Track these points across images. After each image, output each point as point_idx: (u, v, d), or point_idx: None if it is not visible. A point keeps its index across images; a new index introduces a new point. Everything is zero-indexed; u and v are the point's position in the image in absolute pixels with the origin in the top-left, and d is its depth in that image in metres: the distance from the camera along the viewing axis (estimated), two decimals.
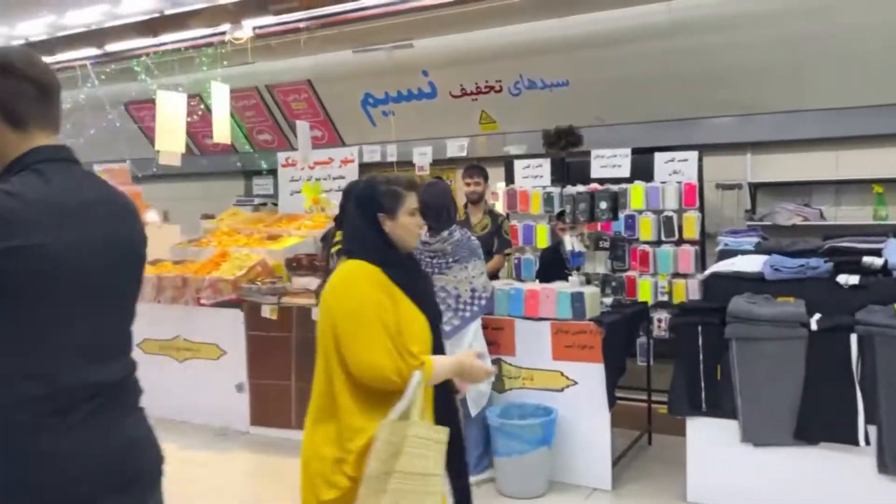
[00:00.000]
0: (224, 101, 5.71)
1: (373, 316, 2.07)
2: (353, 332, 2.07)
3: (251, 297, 4.97)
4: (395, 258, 2.22)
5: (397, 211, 2.20)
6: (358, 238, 2.25)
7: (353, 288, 2.13)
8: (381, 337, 2.06)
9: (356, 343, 2.06)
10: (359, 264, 2.16)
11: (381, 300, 2.10)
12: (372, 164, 7.80)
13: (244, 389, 5.01)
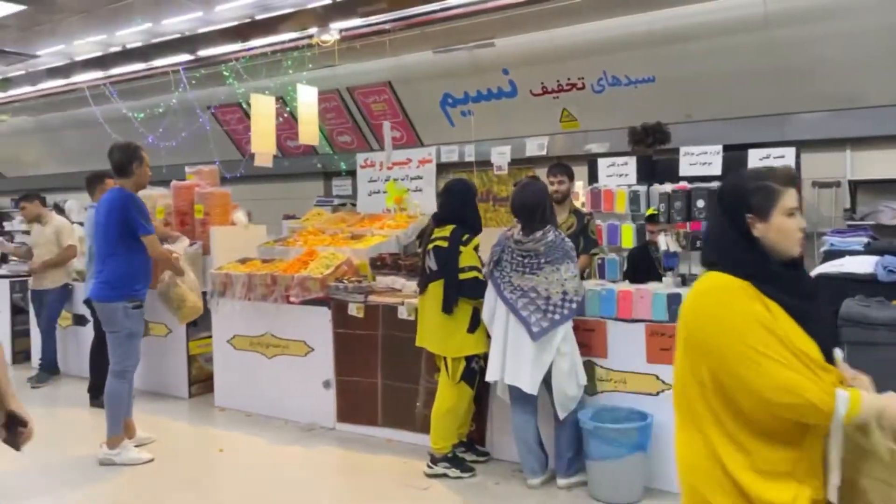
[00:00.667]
0: (312, 103, 5.82)
1: (764, 330, 1.67)
2: (745, 355, 1.66)
3: (338, 295, 5.04)
4: (769, 270, 1.78)
5: (771, 211, 1.79)
6: (721, 246, 1.84)
7: (727, 303, 1.73)
8: (783, 352, 1.65)
9: (754, 366, 1.65)
10: (725, 278, 1.77)
11: (764, 313, 1.71)
12: (449, 165, 7.84)
13: (331, 386, 5.09)
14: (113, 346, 4.48)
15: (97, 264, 4.59)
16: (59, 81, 7.63)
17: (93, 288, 4.55)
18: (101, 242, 4.48)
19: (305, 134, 5.82)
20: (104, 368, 5.55)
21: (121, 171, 4.44)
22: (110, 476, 4.26)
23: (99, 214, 4.52)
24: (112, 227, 4.36)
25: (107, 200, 4.48)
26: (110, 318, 4.43)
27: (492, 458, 4.35)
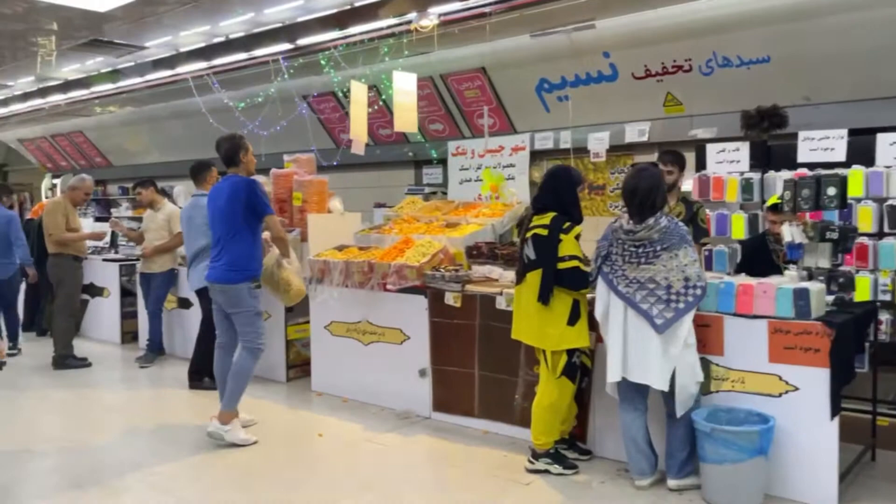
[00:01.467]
0: (410, 90, 5.76)
1: None
2: None
3: (435, 283, 4.98)
4: None
5: None
6: None
7: None
8: None
9: None
10: None
11: None
12: (544, 152, 7.65)
13: (427, 375, 5.04)
14: (243, 326, 4.60)
15: (213, 249, 4.68)
16: (165, 72, 7.89)
17: (214, 272, 4.60)
18: (223, 227, 4.54)
19: (402, 121, 5.77)
20: (208, 355, 5.74)
21: (230, 162, 4.62)
22: (211, 457, 4.36)
23: (218, 200, 4.59)
24: (237, 211, 4.47)
25: (228, 186, 4.56)
26: (237, 300, 4.54)
27: (594, 456, 4.19)
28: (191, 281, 5.94)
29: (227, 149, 4.59)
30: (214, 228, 4.65)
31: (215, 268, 4.60)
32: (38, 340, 8.07)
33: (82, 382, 6.20)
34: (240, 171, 4.63)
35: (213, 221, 4.66)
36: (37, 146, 15.61)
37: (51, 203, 6.65)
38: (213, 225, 4.66)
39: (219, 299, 4.68)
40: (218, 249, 4.61)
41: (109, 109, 12.63)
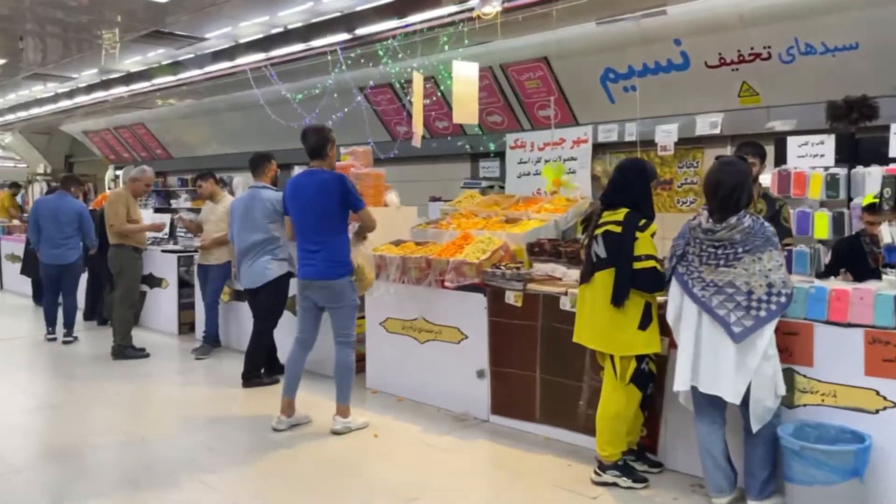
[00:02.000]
0: (472, 79, 5.55)
1: None
2: None
3: (495, 282, 4.78)
4: None
5: None
6: None
7: None
8: None
9: None
10: None
11: None
12: (607, 145, 7.36)
13: (485, 376, 4.86)
14: (343, 320, 4.59)
15: (309, 244, 4.54)
16: (224, 64, 7.88)
17: (312, 268, 4.51)
18: (317, 223, 4.47)
19: (462, 113, 5.57)
20: (261, 355, 5.69)
21: (316, 154, 4.53)
22: (265, 457, 4.27)
23: (305, 195, 4.50)
24: (332, 207, 4.45)
25: (316, 182, 4.46)
26: (340, 295, 4.53)
27: (665, 468, 3.94)
28: (243, 279, 5.77)
29: (314, 141, 4.51)
30: (304, 224, 4.55)
31: (312, 264, 4.52)
32: (98, 329, 8.20)
33: (140, 373, 6.23)
34: (324, 164, 4.55)
35: (300, 217, 4.56)
36: (100, 138, 16.01)
37: (113, 194, 6.71)
38: (302, 221, 4.55)
39: (315, 295, 4.60)
40: (314, 246, 4.51)
41: (170, 102, 12.82)
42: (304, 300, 4.67)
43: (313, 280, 4.54)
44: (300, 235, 4.60)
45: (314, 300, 4.63)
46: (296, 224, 4.61)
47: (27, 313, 9.43)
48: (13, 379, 6.13)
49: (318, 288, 4.56)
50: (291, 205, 4.60)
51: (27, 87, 11.32)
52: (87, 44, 8.22)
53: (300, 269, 4.63)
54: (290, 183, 4.68)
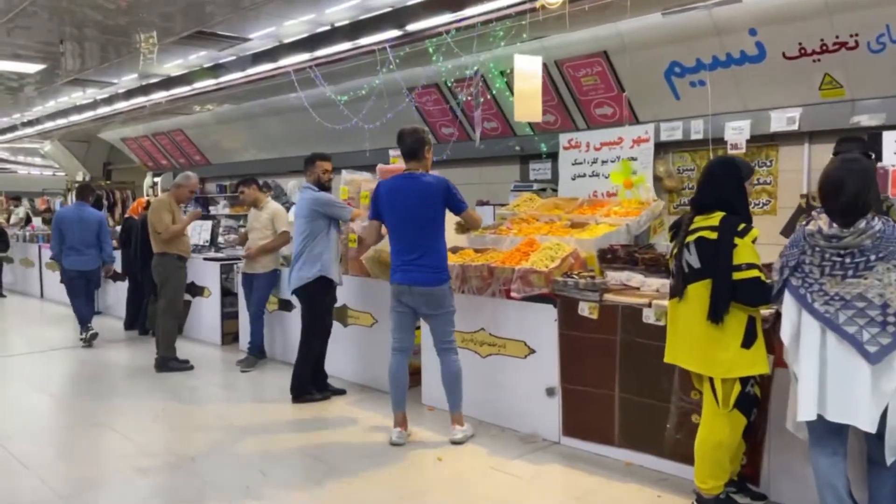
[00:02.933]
0: (534, 74, 5.20)
1: None
2: None
3: (567, 292, 4.41)
4: None
5: None
6: None
7: None
8: None
9: None
10: None
11: None
12: (670, 144, 6.92)
13: (556, 395, 4.49)
14: (444, 326, 4.48)
15: (408, 249, 4.38)
16: (266, 66, 7.63)
17: (415, 274, 4.35)
18: (419, 228, 4.36)
19: (524, 109, 5.21)
20: (311, 366, 5.37)
21: (413, 155, 4.44)
22: (320, 480, 3.95)
23: (405, 199, 4.36)
24: (436, 212, 4.40)
25: (419, 187, 4.36)
26: (442, 301, 4.42)
27: (769, 501, 3.53)
28: (292, 281, 5.44)
29: (412, 143, 4.43)
30: (403, 229, 4.41)
31: (413, 270, 4.36)
32: (139, 339, 8.01)
33: (184, 386, 5.98)
34: (421, 166, 4.44)
35: (399, 222, 4.41)
36: (139, 145, 15.95)
37: (156, 201, 6.49)
38: (401, 225, 4.41)
39: (414, 302, 4.44)
40: (414, 251, 4.37)
41: (208, 107, 12.66)
42: (400, 306, 4.49)
43: (413, 286, 4.37)
44: (397, 240, 4.45)
45: (412, 307, 4.46)
46: (393, 229, 4.47)
47: (67, 322, 9.28)
48: (54, 393, 5.92)
49: (418, 294, 4.39)
50: (388, 209, 4.44)
51: (66, 94, 11.24)
52: (126, 48, 8.05)
53: (397, 274, 4.43)
54: (384, 187, 4.49)
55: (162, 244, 6.43)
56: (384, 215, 4.48)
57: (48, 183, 24.46)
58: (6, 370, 6.74)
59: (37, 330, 8.96)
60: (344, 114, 7.46)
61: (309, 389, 5.39)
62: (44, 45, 7.89)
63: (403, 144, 4.46)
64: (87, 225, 7.54)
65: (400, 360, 4.55)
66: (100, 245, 7.61)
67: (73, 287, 7.67)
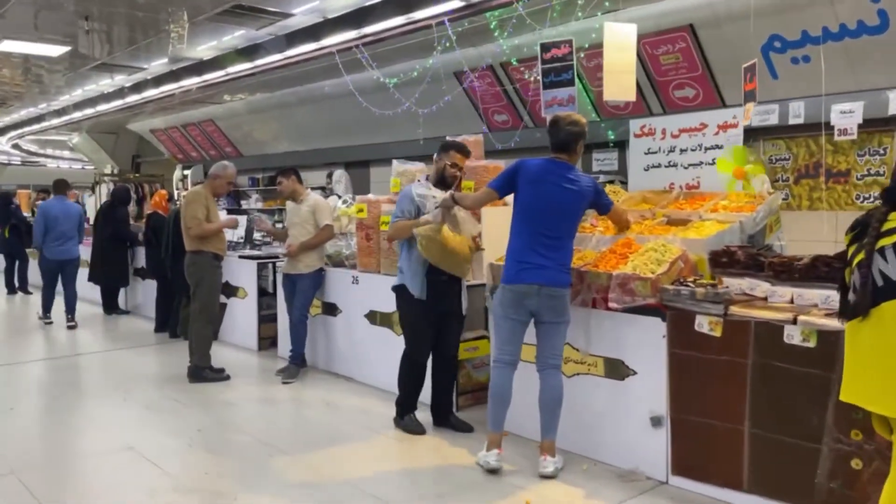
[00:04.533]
0: (627, 45, 4.45)
1: None
2: None
3: (681, 303, 3.67)
4: None
5: None
6: None
7: None
8: None
9: None
10: None
11: None
12: (763, 129, 6.14)
13: (663, 425, 3.76)
14: (559, 339, 3.93)
15: (542, 243, 3.82)
16: (308, 46, 6.95)
17: (546, 272, 3.80)
18: (560, 219, 3.87)
19: (615, 87, 4.47)
20: (402, 385, 4.62)
21: (564, 147, 3.91)
22: None
23: (552, 187, 3.83)
24: (582, 207, 3.97)
25: (577, 178, 3.90)
26: (564, 307, 3.90)
27: None
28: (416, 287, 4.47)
29: (566, 135, 3.89)
30: (541, 218, 3.85)
31: (544, 267, 3.79)
32: (169, 344, 7.41)
33: (221, 402, 5.34)
34: (570, 159, 3.93)
35: (540, 209, 3.86)
36: (168, 136, 15.47)
37: (191, 193, 5.85)
38: (540, 213, 3.86)
39: (537, 305, 3.83)
40: (549, 245, 3.83)
41: (240, 97, 12.10)
42: (519, 312, 3.86)
43: (544, 287, 3.77)
44: (530, 231, 3.86)
45: (534, 312, 3.85)
46: (530, 215, 3.87)
47: (95, 325, 8.74)
48: (80, 407, 5.31)
49: (547, 297, 3.79)
50: (533, 190, 3.87)
51: (94, 82, 10.71)
52: (153, 29, 7.47)
53: (520, 271, 3.81)
54: (532, 164, 3.93)
55: (195, 242, 5.80)
56: (521, 194, 3.90)
57: (77, 176, 24.13)
58: (23, 379, 6.17)
59: (60, 331, 8.43)
60: (395, 97, 6.76)
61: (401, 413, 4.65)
62: (68, 26, 7.31)
63: (558, 133, 3.91)
64: (70, 218, 8.24)
65: (508, 375, 3.93)
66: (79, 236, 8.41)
67: (50, 276, 8.34)
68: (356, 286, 5.88)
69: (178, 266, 6.75)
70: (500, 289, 3.94)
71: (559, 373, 3.93)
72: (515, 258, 3.87)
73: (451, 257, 4.28)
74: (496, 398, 3.92)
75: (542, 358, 3.93)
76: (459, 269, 4.36)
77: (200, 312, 5.88)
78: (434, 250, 4.26)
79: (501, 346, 3.94)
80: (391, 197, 5.78)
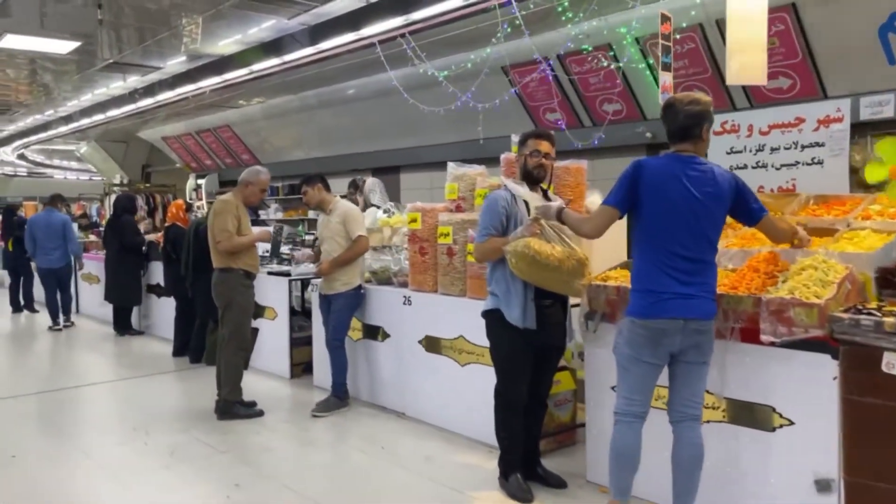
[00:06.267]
0: (756, 18, 3.67)
1: None
2: None
3: (862, 336, 2.87)
4: None
5: None
6: None
7: None
8: None
9: None
10: None
11: None
12: (873, 124, 5.35)
13: (832, 490, 2.96)
14: (704, 381, 3.18)
15: (685, 265, 3.00)
16: (346, 37, 6.19)
17: (698, 302, 3.01)
18: (705, 233, 3.06)
19: (740, 68, 3.68)
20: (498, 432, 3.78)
21: (685, 135, 3.06)
22: None
23: (688, 192, 2.99)
24: (724, 213, 3.15)
25: (712, 175, 3.05)
26: (711, 343, 3.13)
27: None
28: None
29: (688, 116, 3.02)
30: (682, 233, 3.03)
31: (697, 296, 3.00)
32: (191, 370, 6.64)
33: (256, 446, 4.56)
34: (696, 150, 3.08)
35: (675, 220, 3.03)
36: (181, 143, 14.76)
37: (220, 203, 5.07)
38: (679, 226, 3.03)
39: (684, 344, 3.03)
40: (696, 268, 3.03)
41: (257, 100, 11.39)
42: (657, 352, 3.05)
43: (691, 321, 2.98)
44: (662, 250, 3.04)
45: (675, 352, 3.04)
46: (656, 231, 3.05)
47: (107, 348, 7.99)
48: (94, 454, 4.49)
49: (694, 333, 3.01)
50: (659, 200, 3.02)
51: (104, 84, 9.99)
52: (167, 26, 6.75)
53: (656, 303, 3.00)
54: (652, 167, 3.05)
55: (225, 257, 5.03)
56: (645, 205, 3.04)
57: (84, 188, 23.54)
58: (27, 416, 5.40)
59: (68, 356, 7.67)
60: (448, 92, 5.97)
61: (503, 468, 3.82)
62: (79, 18, 6.58)
63: (675, 118, 3.05)
64: (54, 229, 8.68)
65: (637, 431, 3.11)
66: (66, 245, 8.75)
67: (47, 283, 8.79)
68: (408, 307, 5.11)
69: (200, 284, 6.02)
70: (629, 324, 3.11)
71: (699, 425, 3.13)
72: (646, 286, 3.05)
73: (550, 273, 3.47)
74: (623, 460, 3.11)
75: (678, 406, 3.12)
76: (563, 286, 3.55)
77: (230, 339, 5.10)
78: (524, 266, 3.47)
79: (629, 395, 3.13)
80: (447, 205, 5.04)
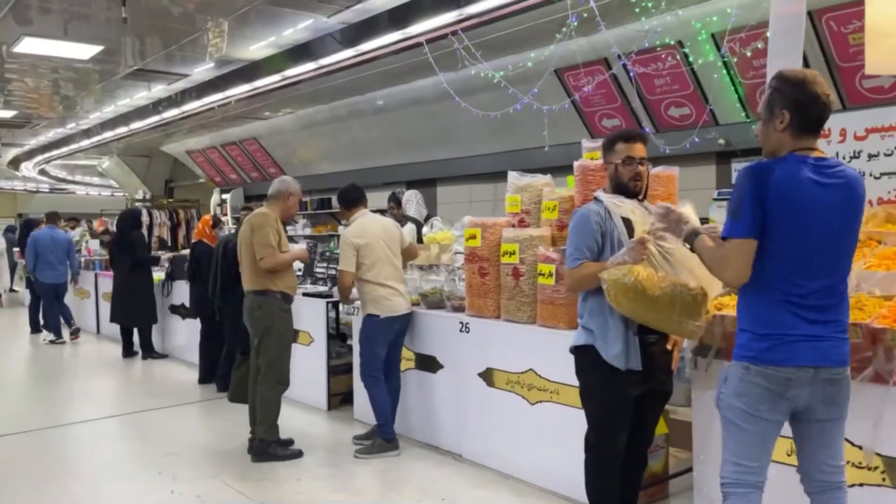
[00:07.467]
0: None
1: None
2: None
3: None
4: None
5: None
6: None
7: None
8: None
9: None
10: None
11: None
12: None
13: None
14: (842, 439, 2.49)
15: (824, 303, 2.32)
16: (390, 37, 5.66)
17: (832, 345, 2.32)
18: (843, 259, 2.40)
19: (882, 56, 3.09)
20: None
21: (817, 126, 2.34)
22: None
23: (821, 205, 2.29)
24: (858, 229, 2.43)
25: (847, 181, 2.32)
26: (848, 395, 2.46)
27: None
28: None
29: (828, 102, 2.31)
30: (817, 262, 2.32)
31: (823, 339, 2.31)
32: (218, 401, 6.04)
33: (297, 495, 3.98)
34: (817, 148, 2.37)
35: (813, 250, 2.32)
36: (205, 157, 14.36)
37: (258, 216, 4.50)
38: (815, 256, 2.32)
39: (813, 398, 2.34)
40: (826, 306, 2.33)
41: (285, 111, 10.94)
42: (778, 406, 2.35)
43: (822, 368, 2.31)
44: (787, 280, 2.32)
45: (801, 408, 2.36)
46: (782, 256, 2.32)
47: (127, 373, 7.47)
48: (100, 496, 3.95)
49: (822, 382, 2.32)
50: (794, 218, 2.29)
51: (128, 94, 9.57)
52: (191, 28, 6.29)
53: (778, 346, 2.30)
54: (781, 175, 2.28)
55: (262, 277, 4.46)
56: (772, 227, 2.30)
57: (106, 203, 23.33)
58: (40, 453, 4.86)
59: (84, 381, 7.15)
60: (510, 94, 5.39)
61: None
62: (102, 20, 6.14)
63: (813, 102, 2.29)
64: (59, 245, 9.06)
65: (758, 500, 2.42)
66: (68, 261, 9.17)
67: (47, 298, 9.14)
68: (465, 335, 4.52)
69: (230, 307, 5.48)
70: (740, 371, 2.38)
71: (845, 495, 2.44)
72: (763, 324, 2.34)
73: (658, 312, 2.81)
74: None
75: (815, 472, 2.43)
76: (674, 326, 2.88)
77: (268, 372, 4.53)
78: (625, 301, 2.81)
79: (741, 460, 2.40)
80: (509, 219, 4.46)
